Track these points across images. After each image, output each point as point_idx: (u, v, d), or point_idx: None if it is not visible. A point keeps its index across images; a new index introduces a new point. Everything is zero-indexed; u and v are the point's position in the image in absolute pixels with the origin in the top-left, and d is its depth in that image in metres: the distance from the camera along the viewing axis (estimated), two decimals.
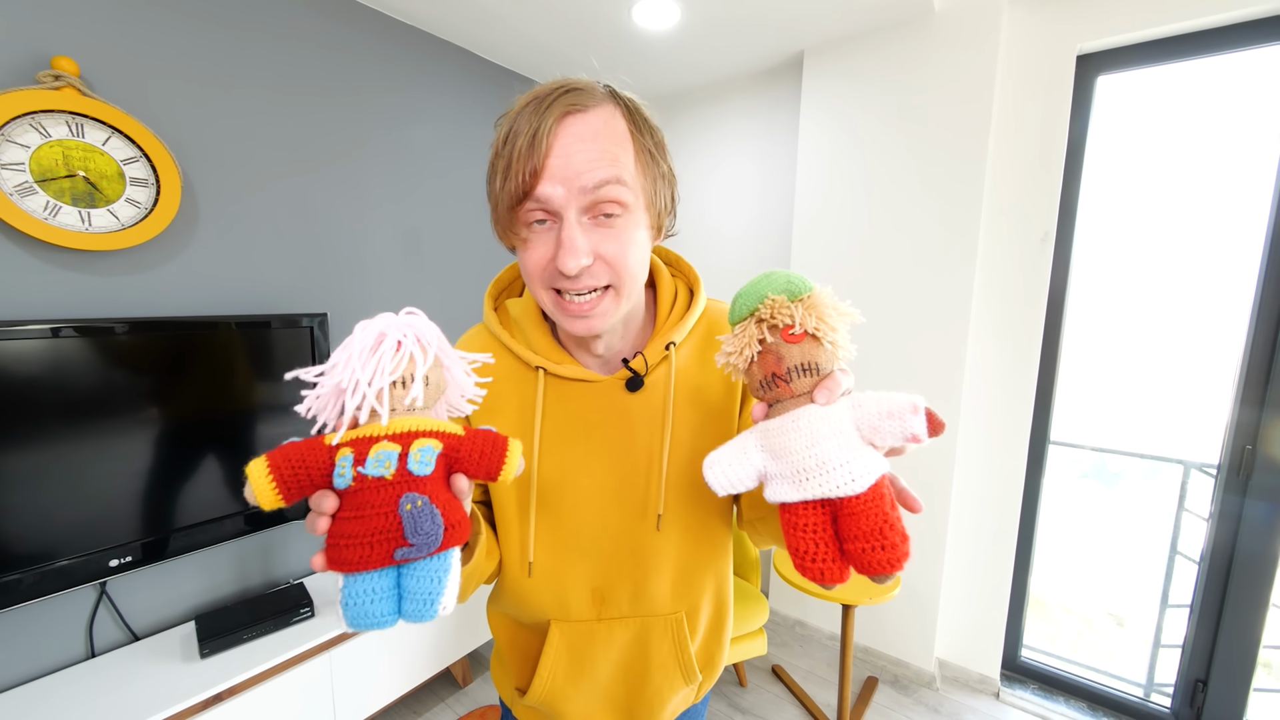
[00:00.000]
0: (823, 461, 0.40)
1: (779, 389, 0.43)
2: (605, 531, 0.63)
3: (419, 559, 0.39)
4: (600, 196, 0.50)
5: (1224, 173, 1.72)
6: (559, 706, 0.68)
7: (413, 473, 0.39)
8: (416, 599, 0.39)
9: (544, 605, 0.65)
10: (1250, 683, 1.58)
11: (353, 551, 0.38)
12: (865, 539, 0.38)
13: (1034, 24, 1.67)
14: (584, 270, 0.51)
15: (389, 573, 0.39)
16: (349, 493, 0.39)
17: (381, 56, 1.82)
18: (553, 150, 0.49)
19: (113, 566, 1.28)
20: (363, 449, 0.39)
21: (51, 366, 1.18)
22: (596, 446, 0.62)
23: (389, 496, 0.38)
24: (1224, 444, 1.59)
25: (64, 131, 1.21)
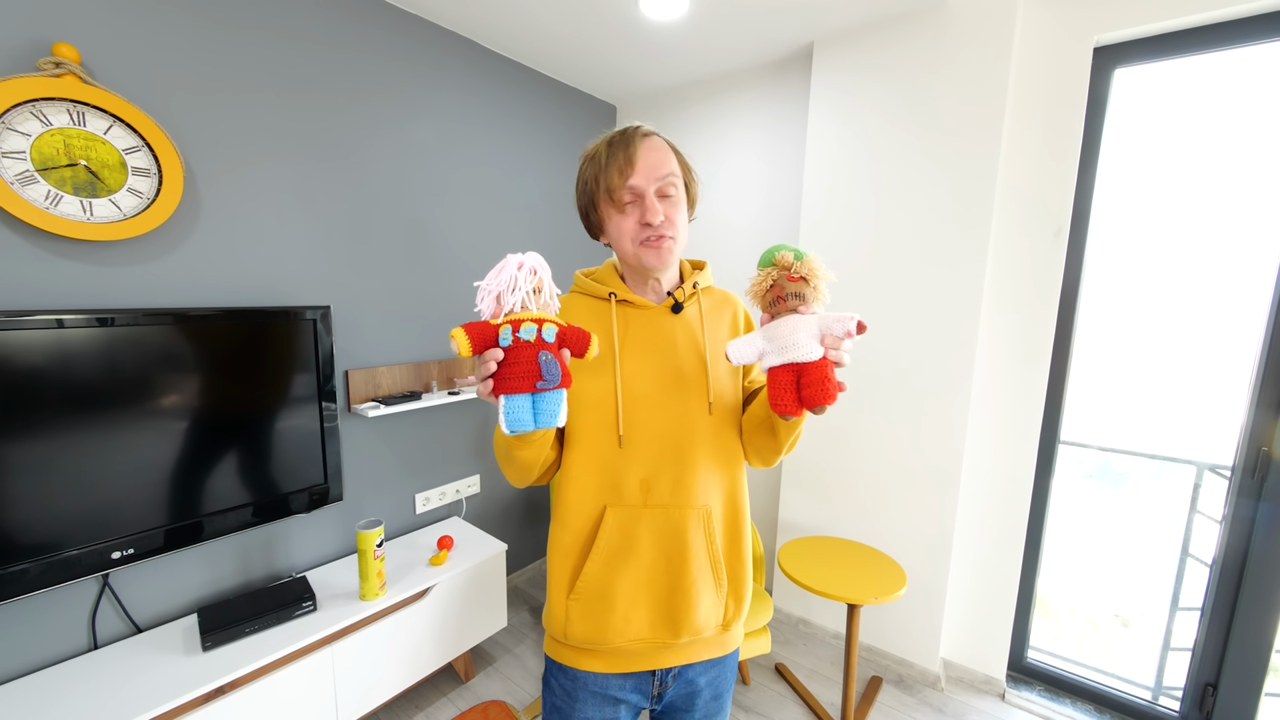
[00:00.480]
0: (796, 342, 0.67)
1: (779, 306, 0.71)
2: (655, 425, 0.82)
3: (548, 390, 0.65)
4: (665, 182, 0.82)
5: (1242, 170, 1.68)
6: (609, 593, 0.80)
7: (545, 340, 0.64)
8: (545, 414, 0.65)
9: (602, 486, 0.82)
10: (1262, 687, 1.56)
11: (511, 382, 0.63)
12: (813, 385, 0.66)
13: (1050, 15, 1.63)
14: (661, 224, 0.81)
15: (529, 397, 0.64)
16: (509, 349, 0.63)
17: (386, 47, 1.80)
18: (638, 158, 0.81)
19: (115, 559, 1.28)
20: (516, 325, 0.64)
21: (54, 357, 1.17)
22: (650, 356, 0.85)
23: (532, 353, 0.63)
24: (1238, 445, 1.56)
25: (65, 120, 1.20)
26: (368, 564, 1.54)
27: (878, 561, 1.76)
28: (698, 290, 0.90)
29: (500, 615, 1.97)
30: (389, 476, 1.97)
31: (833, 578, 1.66)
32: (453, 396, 1.99)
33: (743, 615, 0.88)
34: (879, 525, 2.00)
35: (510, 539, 2.47)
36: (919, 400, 1.88)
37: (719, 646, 0.88)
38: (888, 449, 1.96)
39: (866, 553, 1.82)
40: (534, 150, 2.36)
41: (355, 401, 1.79)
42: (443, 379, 2.07)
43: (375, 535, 1.54)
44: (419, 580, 1.69)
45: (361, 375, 1.81)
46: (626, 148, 0.80)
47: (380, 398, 1.85)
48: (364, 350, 1.84)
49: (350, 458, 1.83)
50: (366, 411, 1.74)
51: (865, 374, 1.97)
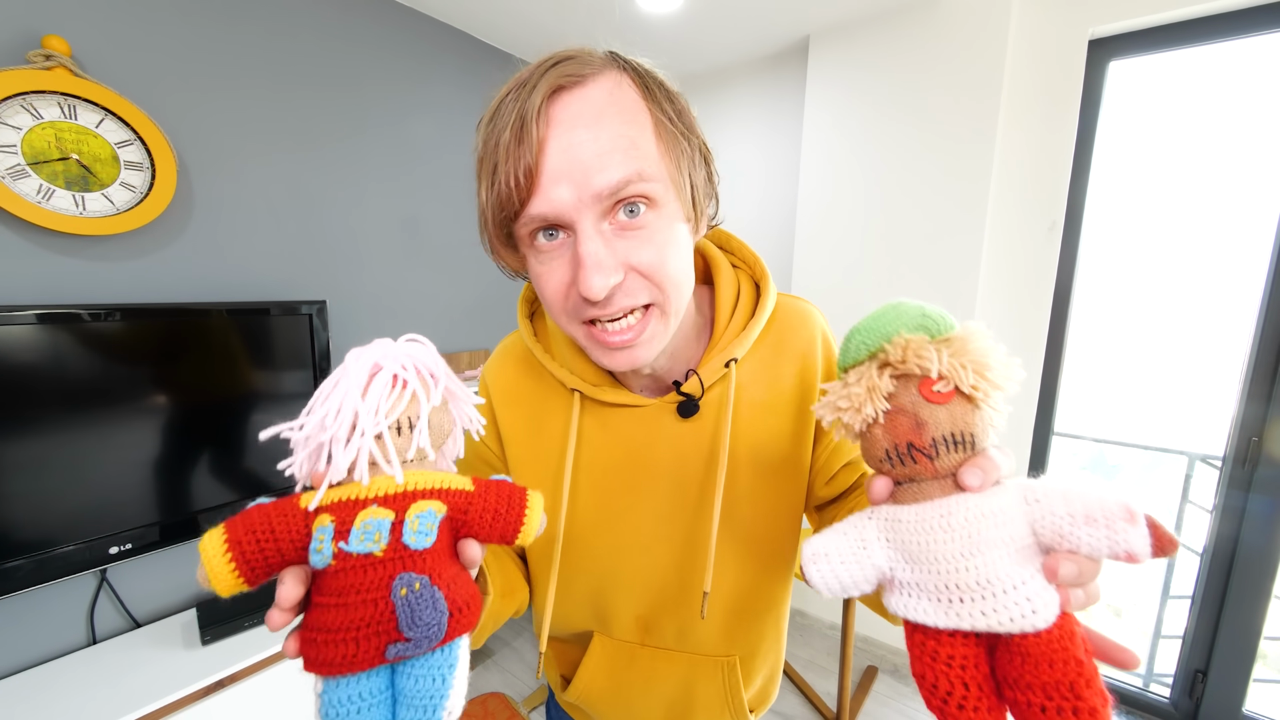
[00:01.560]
0: (988, 580, 0.29)
1: (918, 465, 0.32)
2: (652, 570, 0.56)
3: (418, 655, 0.31)
4: (621, 196, 0.40)
5: (1236, 163, 1.69)
6: (602, 713, 0.64)
7: (409, 547, 0.31)
8: (415, 706, 0.31)
9: (581, 613, 0.60)
10: (1250, 673, 1.58)
11: (334, 650, 0.30)
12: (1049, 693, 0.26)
13: (1045, 7, 1.63)
14: (615, 289, 0.41)
15: (381, 672, 0.32)
16: (328, 573, 0.31)
17: (381, 40, 1.79)
18: (548, 141, 0.38)
19: (113, 554, 1.28)
20: (346, 517, 0.31)
21: (48, 353, 1.17)
22: (643, 482, 0.53)
23: (379, 578, 0.30)
24: (1229, 436, 1.58)
25: (56, 113, 1.19)
26: None
27: None
28: (731, 370, 0.52)
29: None
30: None
31: None
32: None
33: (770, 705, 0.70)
34: None
35: None
36: None
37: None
38: None
39: None
40: None
41: None
42: None
43: None
44: None
45: None
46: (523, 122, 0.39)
47: None
48: (360, 345, 1.83)
49: None
50: None
51: None
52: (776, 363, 0.53)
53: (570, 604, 0.59)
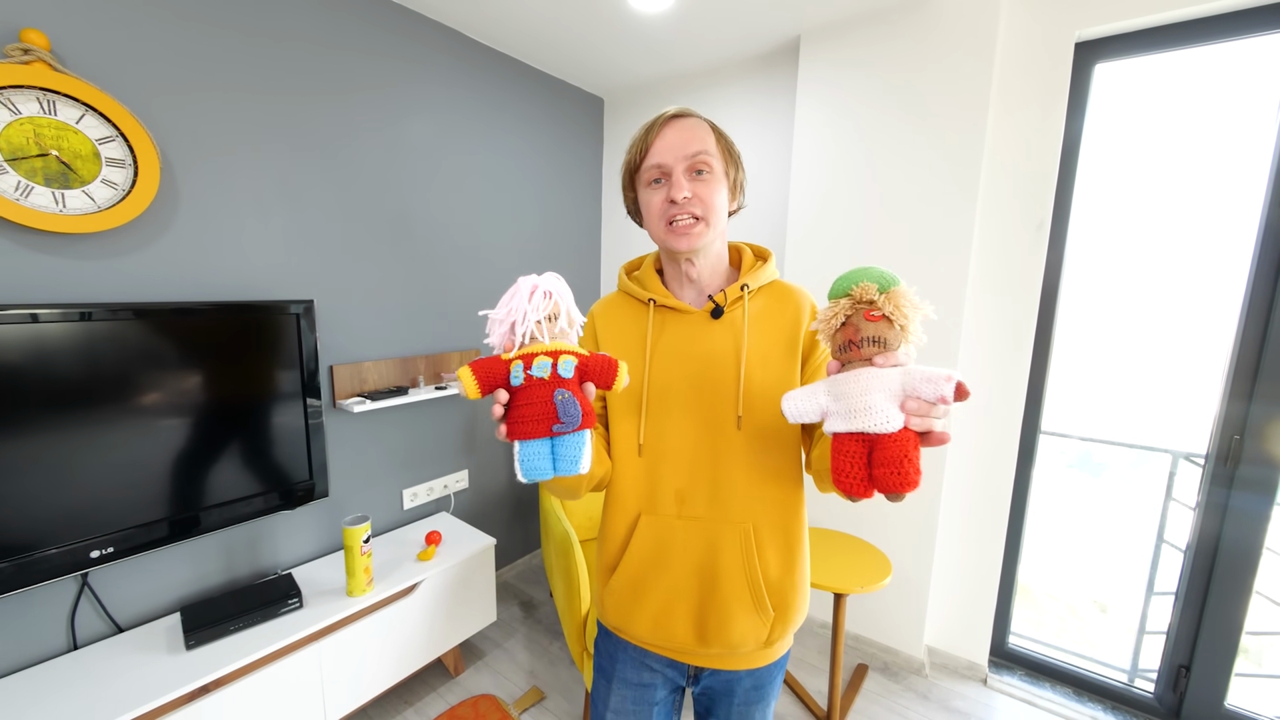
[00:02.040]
0: (868, 405, 0.53)
1: (851, 352, 0.57)
2: (689, 434, 0.80)
3: (567, 434, 0.59)
4: (695, 160, 0.77)
5: (1218, 164, 1.71)
6: (640, 594, 0.82)
7: (561, 376, 0.59)
8: (565, 460, 0.59)
9: (638, 492, 0.82)
10: (1232, 668, 1.61)
11: (525, 426, 0.57)
12: (888, 465, 0.52)
13: (1032, 9, 1.65)
14: (685, 201, 0.76)
15: (547, 442, 0.59)
16: (520, 389, 0.58)
17: (371, 38, 1.77)
18: (665, 133, 0.78)
19: (94, 558, 1.26)
20: (528, 360, 0.58)
21: (26, 353, 1.14)
22: (687, 364, 0.81)
23: (546, 392, 0.58)
24: (1212, 434, 1.60)
25: (35, 109, 1.17)
26: (354, 560, 1.53)
27: (863, 551, 1.78)
28: (745, 293, 0.81)
29: (490, 610, 1.97)
30: (376, 472, 1.95)
31: (819, 568, 1.68)
32: (440, 391, 1.97)
33: (793, 629, 0.84)
34: (865, 516, 2.02)
35: (500, 534, 2.46)
36: None
37: (758, 659, 0.84)
38: None
39: (852, 543, 1.84)
40: (521, 142, 2.34)
41: (340, 397, 1.77)
42: (430, 374, 2.05)
43: (362, 531, 1.53)
44: (407, 575, 1.68)
45: (347, 370, 1.79)
46: (655, 127, 0.79)
47: (366, 393, 1.84)
48: (349, 345, 1.81)
49: (336, 454, 1.81)
50: (352, 407, 1.73)
51: None
52: (779, 309, 0.83)
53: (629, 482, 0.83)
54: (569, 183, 2.60)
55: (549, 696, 1.82)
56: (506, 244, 2.33)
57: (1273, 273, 1.47)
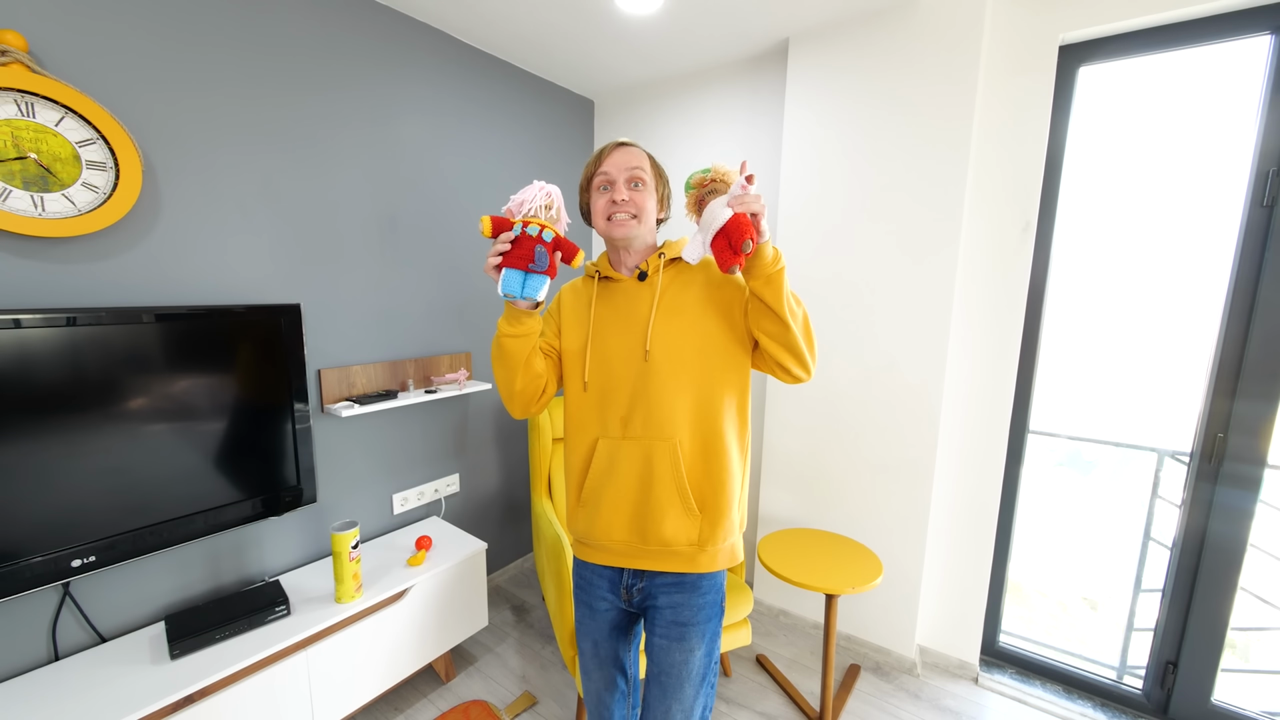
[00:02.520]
0: (714, 216, 0.86)
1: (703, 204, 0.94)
2: (625, 371, 1.01)
3: (537, 272, 0.91)
4: (633, 173, 1.01)
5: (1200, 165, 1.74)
6: (598, 502, 1.03)
7: (543, 239, 0.90)
8: (530, 287, 0.91)
9: (593, 421, 1.04)
10: (1218, 664, 1.62)
11: (512, 259, 0.90)
12: (732, 233, 0.83)
13: (1016, 13, 1.66)
14: (623, 202, 1.00)
15: (522, 274, 0.90)
16: (517, 237, 0.89)
17: (358, 39, 1.76)
18: (612, 154, 1.03)
19: (75, 567, 1.24)
20: (527, 222, 0.90)
21: (8, 358, 1.12)
22: (621, 318, 1.04)
23: (532, 243, 0.89)
24: (1196, 432, 1.62)
25: (13, 111, 1.15)
26: (342, 566, 1.52)
27: (855, 552, 1.79)
28: (662, 260, 1.05)
29: (481, 614, 1.95)
30: (365, 477, 1.93)
31: (811, 569, 1.68)
32: (430, 395, 1.96)
33: (720, 540, 1.02)
34: (856, 517, 2.03)
35: (490, 538, 2.45)
36: (893, 393, 1.91)
37: (688, 563, 1.03)
38: (864, 442, 1.99)
39: (844, 544, 1.85)
40: (511, 145, 2.33)
41: (328, 401, 1.76)
42: (419, 377, 2.04)
43: (350, 536, 1.51)
44: (397, 581, 1.66)
45: (334, 374, 1.77)
46: (606, 150, 1.04)
47: (354, 397, 1.82)
48: (337, 349, 1.80)
49: (324, 459, 1.79)
50: (340, 411, 1.71)
51: (841, 368, 2.00)
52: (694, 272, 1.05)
53: (587, 414, 1.05)
54: (559, 184, 2.58)
55: (541, 701, 1.81)
56: None
57: (1254, 271, 1.49)
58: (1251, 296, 1.50)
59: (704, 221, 0.87)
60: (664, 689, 1.05)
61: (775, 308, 0.90)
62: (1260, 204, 1.47)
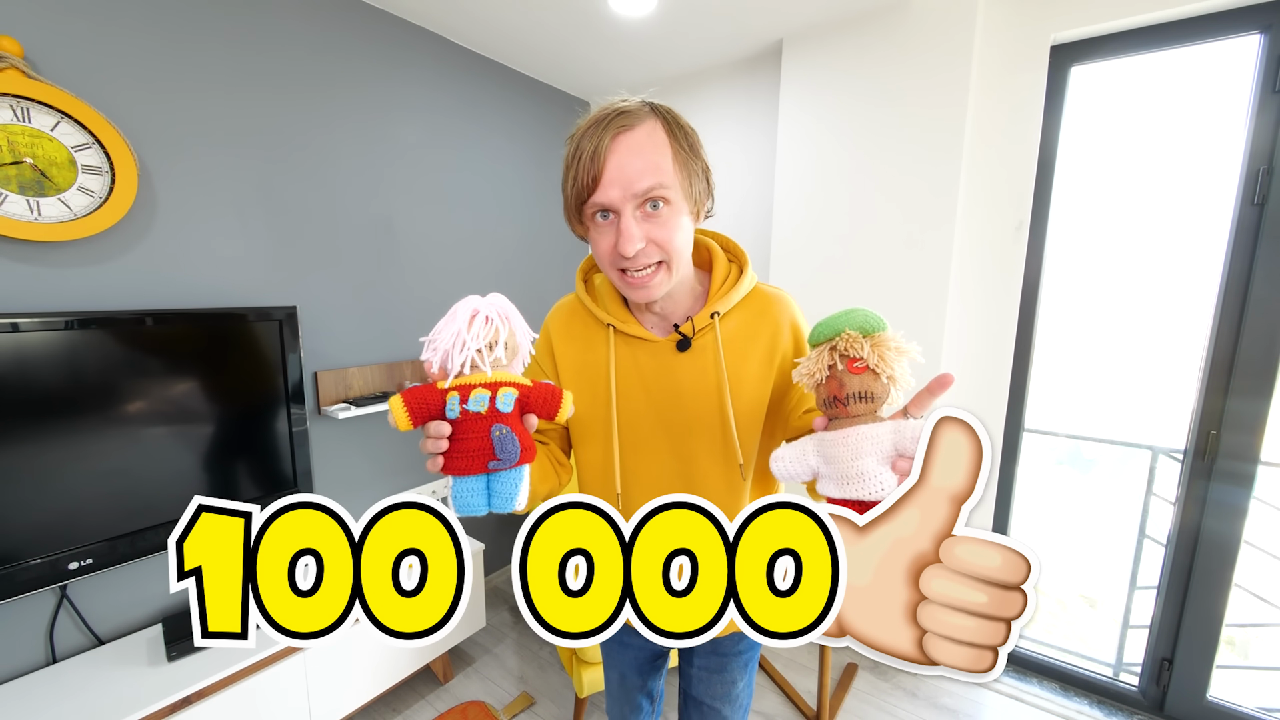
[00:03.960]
0: (861, 472, 0.49)
1: (838, 409, 0.53)
2: (664, 473, 0.77)
3: (503, 470, 0.56)
4: (649, 196, 0.64)
5: (1191, 164, 1.75)
6: None
7: (499, 410, 0.55)
8: (500, 496, 0.57)
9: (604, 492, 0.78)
10: (1213, 660, 1.63)
11: (459, 461, 0.55)
12: None
13: (1008, 13, 1.67)
14: (640, 252, 0.65)
15: (482, 478, 0.57)
16: (456, 422, 0.55)
17: (352, 42, 1.77)
18: (608, 163, 0.63)
19: (72, 569, 1.24)
20: (465, 392, 0.55)
21: (5, 361, 1.13)
22: (655, 396, 0.76)
23: (483, 426, 0.54)
24: (1190, 430, 1.63)
25: (8, 116, 1.16)
26: None
27: None
28: (716, 321, 0.74)
29: (479, 615, 1.96)
30: (362, 479, 1.94)
31: None
32: None
33: None
34: None
35: (488, 539, 2.45)
36: None
37: None
38: None
39: None
40: (506, 145, 2.34)
41: (325, 403, 1.76)
42: (416, 379, 2.04)
43: None
44: None
45: (331, 376, 1.78)
46: (595, 148, 0.63)
47: (351, 399, 1.83)
48: (333, 351, 1.80)
49: (321, 461, 1.80)
50: (337, 413, 1.71)
51: None
52: (756, 325, 0.75)
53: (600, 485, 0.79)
54: (555, 185, 2.59)
55: (538, 702, 1.82)
56: (492, 247, 2.33)
57: (1245, 269, 1.50)
58: (1243, 294, 1.51)
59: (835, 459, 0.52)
60: (704, 717, 0.95)
61: None
62: (1251, 202, 1.48)
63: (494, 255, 2.34)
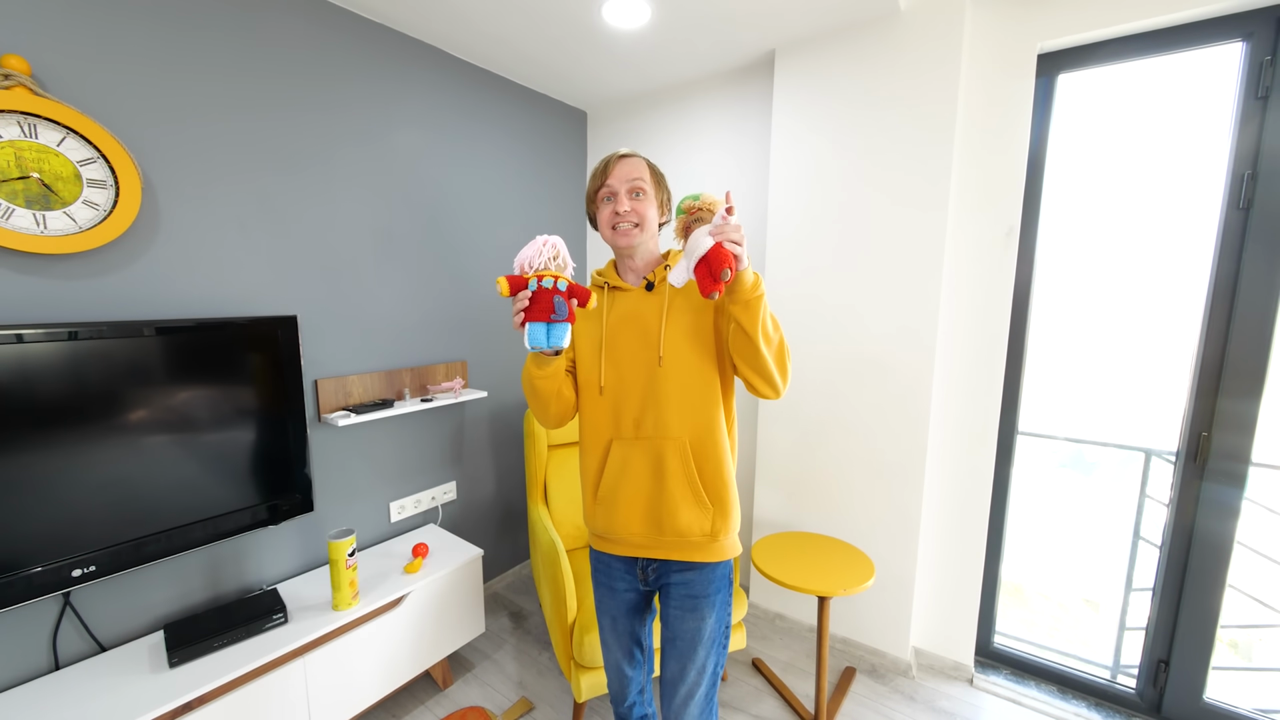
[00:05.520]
0: (697, 244, 0.90)
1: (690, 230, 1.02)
2: (635, 376, 1.09)
3: (559, 322, 0.95)
4: (634, 184, 1.10)
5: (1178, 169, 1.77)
6: (615, 499, 1.11)
7: (558, 289, 0.94)
8: (555, 336, 0.95)
9: (608, 424, 1.11)
10: (1209, 661, 1.63)
11: (534, 313, 0.94)
12: (712, 261, 0.88)
13: (996, 23, 1.70)
14: (626, 213, 1.09)
15: (545, 326, 0.95)
16: (534, 293, 0.94)
17: (353, 55, 1.80)
18: (614, 170, 1.11)
19: (76, 576, 1.26)
20: (541, 277, 0.94)
21: (8, 372, 1.15)
22: (631, 326, 1.11)
23: (549, 295, 0.93)
24: (1182, 431, 1.64)
25: (16, 132, 1.18)
26: (339, 574, 1.54)
27: (847, 554, 1.80)
28: (667, 271, 1.11)
29: (478, 621, 1.97)
30: (362, 486, 1.96)
31: (804, 572, 1.69)
32: (426, 404, 1.98)
33: (730, 529, 1.10)
34: (848, 519, 2.05)
35: (487, 545, 2.46)
36: (883, 397, 1.93)
37: (702, 552, 1.10)
38: (854, 445, 2.01)
39: (836, 546, 1.86)
40: (505, 156, 2.37)
41: (325, 411, 1.78)
42: (415, 386, 2.06)
43: (347, 544, 1.53)
44: (393, 588, 1.68)
45: (331, 384, 1.80)
46: (608, 163, 1.12)
47: (351, 406, 1.85)
48: (333, 359, 1.83)
49: (321, 468, 1.81)
50: (337, 421, 1.73)
51: (831, 373, 2.02)
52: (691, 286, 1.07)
53: (601, 418, 1.12)
54: (553, 194, 2.63)
55: (538, 707, 1.82)
56: (491, 256, 2.36)
57: (1233, 272, 1.52)
58: (1231, 296, 1.52)
59: (688, 248, 0.92)
60: (679, 651, 1.13)
61: (750, 332, 0.95)
62: (1236, 206, 1.50)
63: (494, 263, 2.36)
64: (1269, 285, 1.47)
